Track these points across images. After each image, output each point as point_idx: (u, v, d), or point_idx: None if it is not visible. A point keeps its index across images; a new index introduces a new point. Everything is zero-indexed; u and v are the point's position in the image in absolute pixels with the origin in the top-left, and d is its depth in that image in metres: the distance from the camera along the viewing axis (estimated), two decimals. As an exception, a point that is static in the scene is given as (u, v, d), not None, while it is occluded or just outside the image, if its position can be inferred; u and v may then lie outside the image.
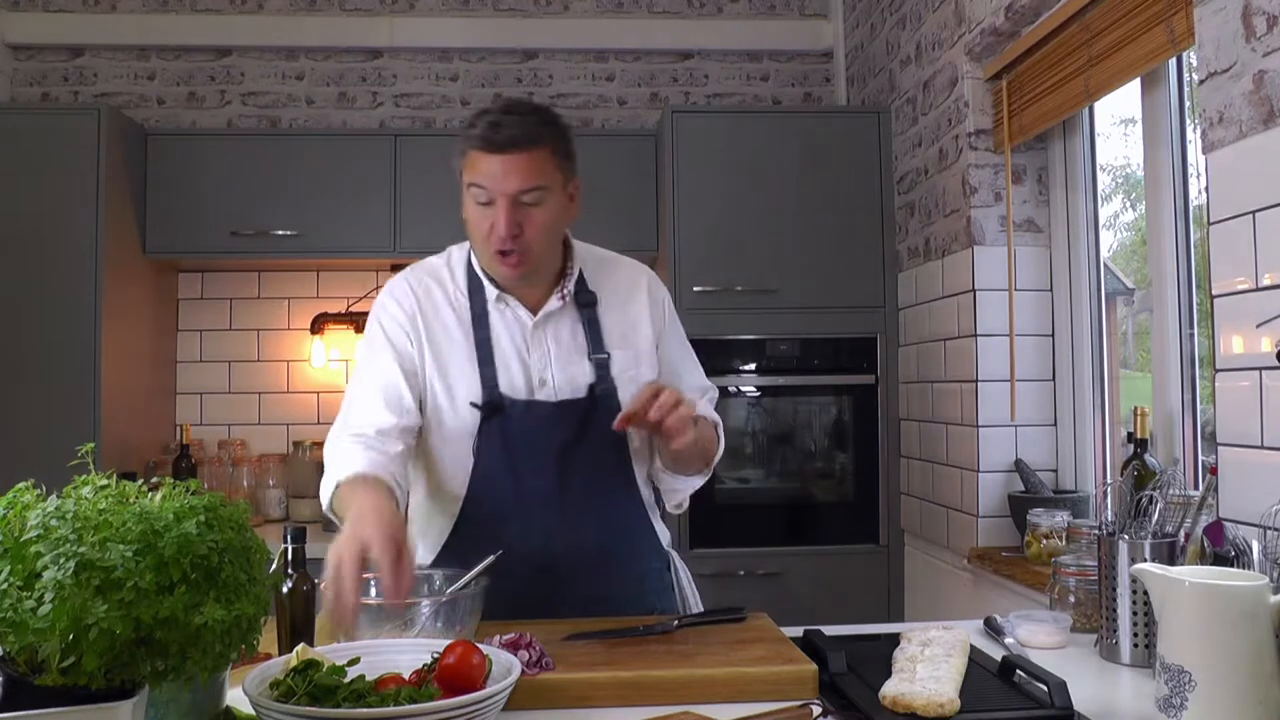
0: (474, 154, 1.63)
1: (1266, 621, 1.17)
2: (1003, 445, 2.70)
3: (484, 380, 1.69)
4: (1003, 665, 1.37)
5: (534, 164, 1.62)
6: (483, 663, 1.21)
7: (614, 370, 1.74)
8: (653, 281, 1.86)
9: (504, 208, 1.61)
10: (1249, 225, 1.62)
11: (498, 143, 1.60)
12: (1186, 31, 1.90)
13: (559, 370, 1.72)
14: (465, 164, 1.66)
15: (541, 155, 1.63)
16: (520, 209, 1.62)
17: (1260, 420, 1.60)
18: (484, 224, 1.64)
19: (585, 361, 1.73)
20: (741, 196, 3.21)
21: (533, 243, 1.64)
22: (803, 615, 1.80)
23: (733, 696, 1.32)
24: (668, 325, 1.84)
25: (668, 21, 3.91)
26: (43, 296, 3.11)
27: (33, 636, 0.95)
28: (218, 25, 3.78)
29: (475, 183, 1.63)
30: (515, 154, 1.60)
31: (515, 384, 1.71)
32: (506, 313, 1.73)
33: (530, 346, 1.72)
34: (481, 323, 1.72)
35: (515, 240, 1.62)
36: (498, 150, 1.60)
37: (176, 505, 1.07)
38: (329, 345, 3.73)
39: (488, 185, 1.62)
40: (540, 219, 1.64)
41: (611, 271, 1.82)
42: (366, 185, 3.39)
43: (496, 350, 1.71)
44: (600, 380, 1.72)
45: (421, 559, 1.79)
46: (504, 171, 1.60)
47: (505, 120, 1.62)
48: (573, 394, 1.72)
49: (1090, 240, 2.62)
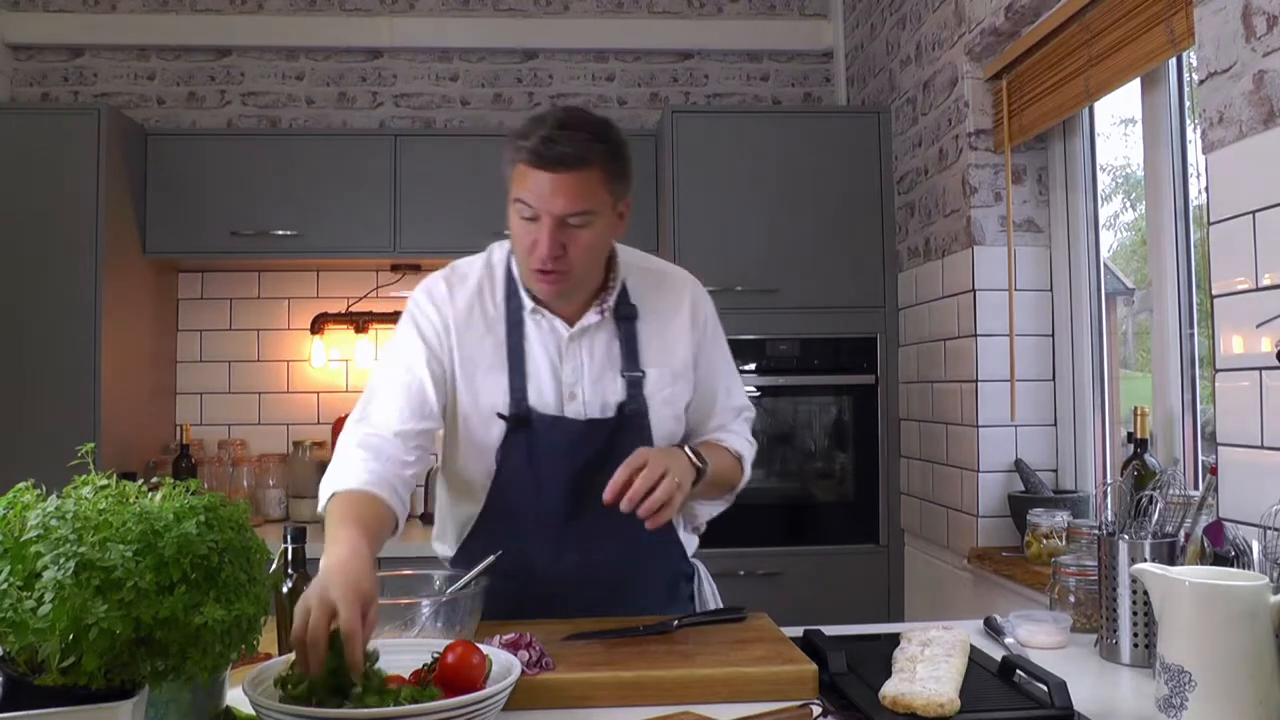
0: (523, 167, 1.56)
1: (1266, 621, 1.17)
2: (1003, 445, 2.70)
3: (513, 391, 1.66)
4: (1003, 665, 1.37)
5: (583, 186, 1.55)
6: (483, 663, 1.21)
7: (647, 388, 1.69)
8: (696, 295, 1.79)
9: (548, 227, 1.55)
10: (1249, 225, 1.62)
11: (549, 159, 1.53)
12: (1186, 31, 1.90)
13: (590, 385, 1.68)
14: (513, 175, 1.59)
15: (591, 177, 1.56)
16: (565, 230, 1.56)
17: (1260, 420, 1.60)
18: (527, 239, 1.58)
19: (618, 378, 1.69)
20: (741, 196, 3.21)
21: (575, 263, 1.59)
22: (803, 615, 1.80)
23: (733, 696, 1.32)
24: (708, 341, 1.78)
25: (668, 21, 3.91)
26: (43, 296, 3.11)
27: (33, 636, 0.95)
28: (218, 25, 3.78)
29: (522, 198, 1.57)
30: (565, 173, 1.54)
31: (545, 397, 1.67)
32: (542, 323, 1.68)
33: (564, 359, 1.68)
34: (516, 331, 1.68)
35: (557, 261, 1.57)
36: (548, 167, 1.54)
37: (176, 505, 1.07)
38: (329, 345, 3.73)
39: (534, 204, 1.55)
40: (585, 240, 1.59)
41: (656, 284, 1.76)
42: (366, 185, 3.39)
43: (529, 360, 1.67)
44: (631, 399, 1.68)
45: (446, 553, 1.80)
46: (552, 191, 1.54)
47: (559, 136, 1.54)
48: (601, 412, 1.68)
49: (1090, 240, 2.62)
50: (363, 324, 3.72)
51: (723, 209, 3.20)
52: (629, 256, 1.77)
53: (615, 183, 1.61)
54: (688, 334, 1.75)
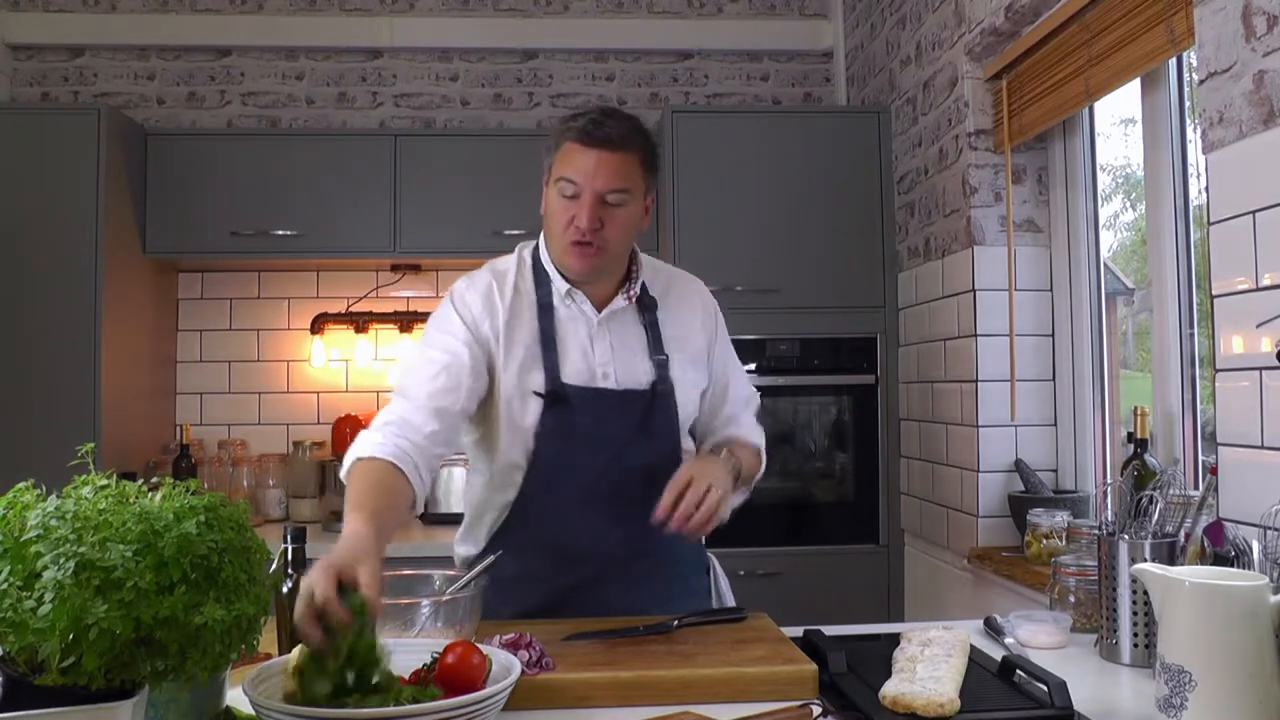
0: (570, 145, 1.68)
1: (1266, 621, 1.17)
2: (1003, 445, 2.70)
3: (547, 369, 1.73)
4: (1003, 665, 1.37)
5: (624, 166, 1.68)
6: (483, 663, 1.21)
7: (673, 371, 1.79)
8: (705, 294, 1.92)
9: (589, 201, 1.66)
10: (1249, 225, 1.62)
11: (597, 138, 1.66)
12: (1186, 31, 1.90)
13: (620, 365, 1.77)
14: (558, 156, 1.70)
15: (632, 160, 1.69)
16: (604, 207, 1.67)
17: (1260, 420, 1.60)
18: (565, 216, 1.68)
19: (646, 360, 1.78)
20: (741, 196, 3.21)
21: (610, 239, 1.69)
22: (803, 615, 1.80)
23: (733, 696, 1.32)
24: (719, 336, 1.90)
25: (668, 21, 3.91)
26: (43, 297, 3.11)
27: (33, 636, 0.95)
28: (218, 25, 3.78)
29: (566, 176, 1.67)
30: (610, 152, 1.66)
31: (578, 371, 1.75)
32: (573, 307, 1.77)
33: (595, 341, 1.77)
34: (547, 315, 1.76)
35: (595, 234, 1.67)
36: (595, 145, 1.66)
37: (176, 505, 1.07)
38: (329, 345, 3.73)
39: (578, 180, 1.66)
40: (621, 219, 1.70)
41: (668, 281, 1.88)
42: (366, 185, 3.39)
43: (561, 342, 1.75)
44: (660, 380, 1.77)
45: (468, 552, 1.83)
46: (596, 167, 1.66)
47: (605, 120, 1.68)
48: (635, 386, 1.76)
49: (1090, 240, 2.62)
50: (363, 324, 3.72)
51: (723, 209, 3.20)
52: (645, 258, 1.87)
53: (649, 173, 1.74)
54: (699, 325, 1.86)
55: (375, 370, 3.76)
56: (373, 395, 3.75)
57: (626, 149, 1.68)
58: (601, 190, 1.66)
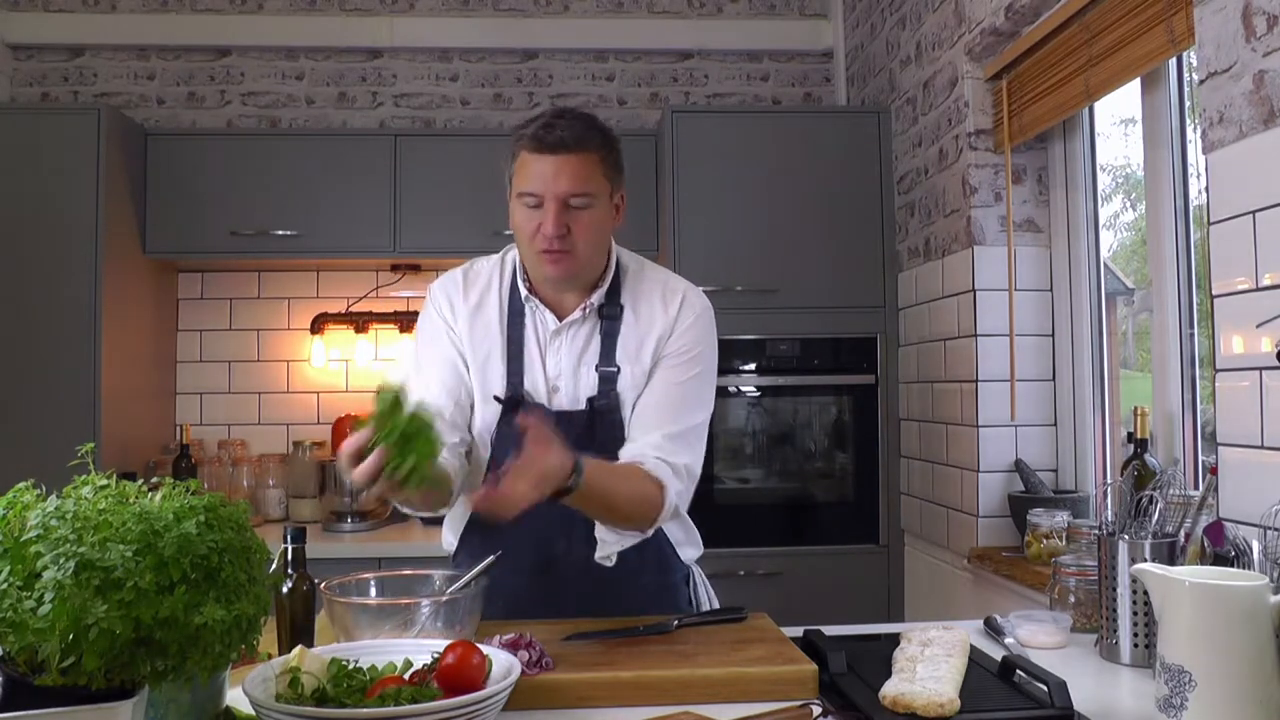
0: (525, 155, 1.65)
1: (1266, 621, 1.17)
2: (1003, 445, 2.70)
3: (509, 376, 1.73)
4: (1003, 665, 1.37)
5: (583, 168, 1.64)
6: (483, 663, 1.21)
7: (621, 384, 1.73)
8: (686, 304, 1.78)
9: (553, 210, 1.63)
10: (1249, 225, 1.62)
11: (549, 143, 1.63)
12: (1186, 31, 1.90)
13: (567, 379, 1.74)
14: (516, 167, 1.67)
15: (590, 160, 1.65)
16: (568, 211, 1.64)
17: (1260, 420, 1.60)
18: (531, 226, 1.65)
19: (592, 373, 1.74)
20: (741, 196, 3.21)
21: (579, 244, 1.66)
22: (803, 615, 1.80)
23: (733, 696, 1.32)
24: (670, 351, 1.74)
25: (668, 21, 3.91)
26: (43, 296, 3.11)
27: (33, 636, 0.95)
28: (218, 25, 3.78)
29: (526, 190, 1.65)
30: (565, 155, 1.63)
31: (537, 385, 1.74)
32: (536, 315, 1.75)
33: (548, 352, 1.75)
34: (516, 322, 1.75)
35: (562, 240, 1.64)
36: (549, 150, 1.62)
37: (176, 505, 1.07)
38: (329, 345, 3.73)
39: (538, 189, 1.63)
40: (587, 221, 1.66)
41: (652, 290, 1.78)
42: (366, 185, 3.39)
43: (526, 350, 1.74)
44: (601, 394, 1.72)
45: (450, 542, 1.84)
46: (554, 172, 1.62)
47: (557, 123, 1.64)
48: (572, 405, 1.73)
49: (1090, 240, 2.62)
50: (363, 324, 3.72)
51: (723, 209, 3.20)
52: (643, 265, 1.82)
53: (611, 171, 1.69)
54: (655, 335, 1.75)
55: (375, 370, 3.76)
56: (372, 395, 3.74)
57: (583, 149, 1.64)
58: (563, 195, 1.62)
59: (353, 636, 1.38)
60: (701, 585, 1.88)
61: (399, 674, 1.23)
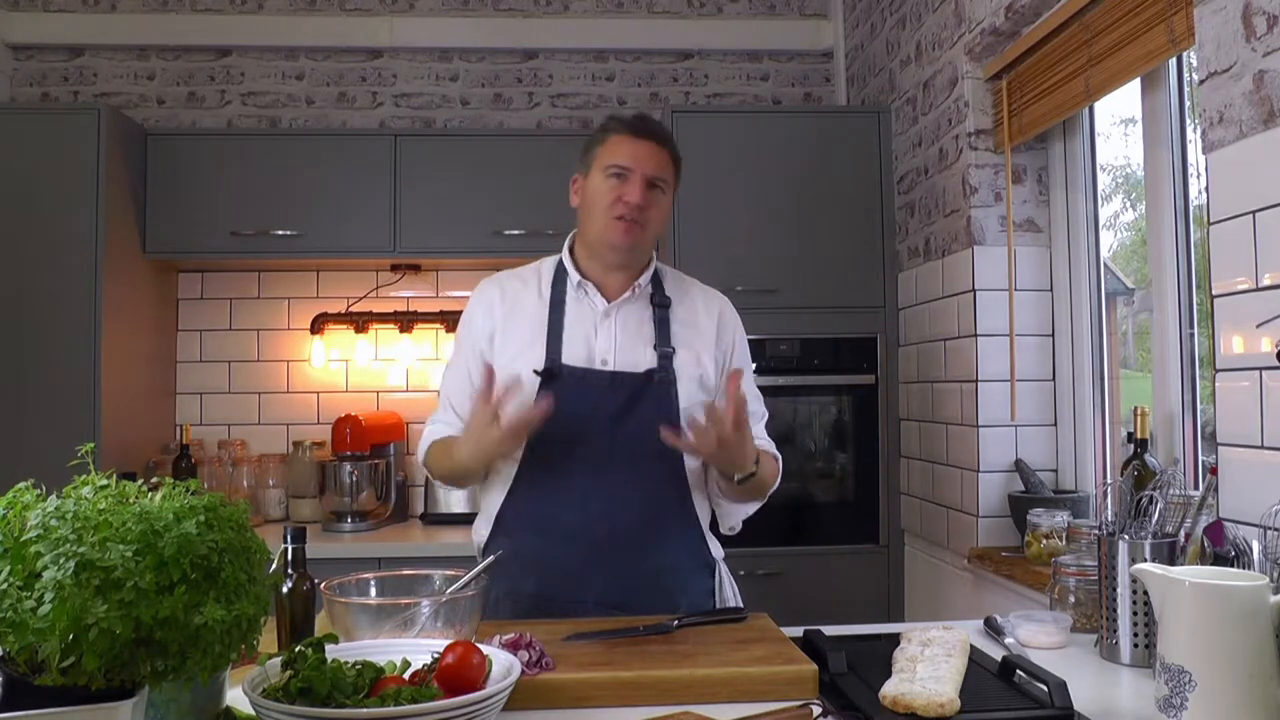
0: (619, 136, 1.85)
1: (1266, 621, 1.17)
2: (1003, 445, 2.70)
3: (548, 351, 1.84)
4: (1003, 665, 1.37)
5: (664, 159, 1.86)
6: (483, 663, 1.21)
7: (677, 363, 1.86)
8: (726, 306, 2.00)
9: (639, 180, 1.82)
10: (1249, 225, 1.62)
11: (644, 130, 1.85)
12: (1186, 31, 1.90)
13: (621, 354, 1.85)
14: (603, 149, 1.86)
15: (669, 157, 1.88)
16: (650, 190, 1.83)
17: (1260, 420, 1.60)
18: (612, 195, 1.82)
19: (649, 350, 1.86)
20: (741, 196, 3.21)
21: (652, 220, 1.85)
22: (803, 615, 1.80)
23: (733, 696, 1.32)
24: (736, 348, 1.97)
25: (668, 21, 3.91)
26: (43, 296, 3.11)
27: (33, 636, 0.95)
28: (218, 25, 3.78)
29: (616, 163, 1.83)
30: (657, 144, 1.85)
31: (576, 358, 1.84)
32: (584, 299, 1.88)
33: (599, 331, 1.86)
34: (557, 309, 1.88)
35: (641, 212, 1.82)
36: (644, 136, 1.85)
37: (176, 505, 1.07)
38: (329, 345, 3.73)
39: (629, 164, 1.82)
40: (661, 204, 1.87)
41: (689, 289, 1.97)
42: (366, 185, 3.39)
43: (566, 330, 1.86)
44: (660, 369, 1.84)
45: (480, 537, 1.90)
46: (646, 154, 1.83)
47: (648, 119, 1.89)
48: (630, 370, 1.84)
49: (1090, 240, 2.62)
50: (363, 324, 3.72)
51: (723, 209, 3.20)
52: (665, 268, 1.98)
53: (677, 176, 1.92)
54: (714, 330, 1.93)
55: (375, 370, 3.76)
56: (373, 395, 3.76)
57: (666, 144, 1.87)
58: (650, 175, 1.82)
59: (353, 636, 1.38)
60: (727, 582, 1.95)
61: (399, 674, 1.23)
